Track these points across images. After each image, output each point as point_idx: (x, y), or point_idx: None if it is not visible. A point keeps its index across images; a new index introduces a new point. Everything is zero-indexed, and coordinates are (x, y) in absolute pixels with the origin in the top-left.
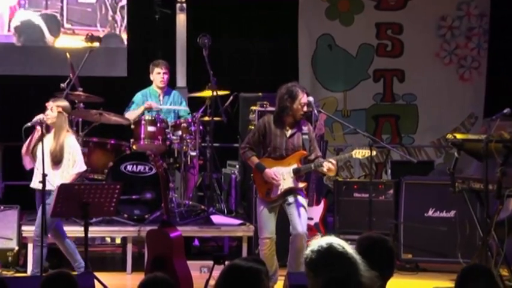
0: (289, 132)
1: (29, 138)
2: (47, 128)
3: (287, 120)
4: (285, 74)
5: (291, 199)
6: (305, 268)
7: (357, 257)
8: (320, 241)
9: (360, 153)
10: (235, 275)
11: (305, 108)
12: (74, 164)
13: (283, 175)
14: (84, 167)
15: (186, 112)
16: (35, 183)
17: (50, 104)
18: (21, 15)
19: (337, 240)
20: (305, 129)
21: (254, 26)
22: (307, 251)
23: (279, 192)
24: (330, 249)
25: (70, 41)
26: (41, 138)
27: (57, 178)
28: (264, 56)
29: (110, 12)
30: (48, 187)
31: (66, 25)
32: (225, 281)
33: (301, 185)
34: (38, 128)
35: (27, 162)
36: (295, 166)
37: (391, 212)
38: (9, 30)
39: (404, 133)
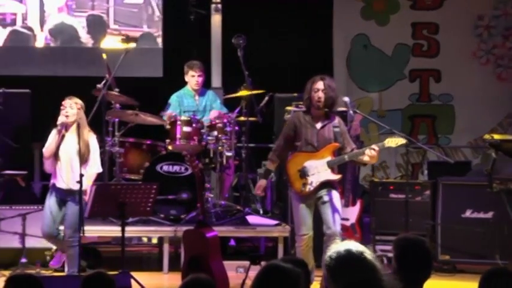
0: (319, 125)
1: (50, 141)
2: (66, 127)
3: (315, 112)
4: (320, 74)
5: (325, 197)
6: (326, 273)
7: (376, 262)
8: (338, 246)
9: (393, 142)
10: (273, 276)
11: (319, 94)
12: (94, 163)
13: (317, 168)
14: (101, 169)
15: (223, 109)
16: (66, 184)
17: (68, 102)
18: (55, 18)
19: (356, 245)
20: (335, 122)
21: (289, 25)
22: (326, 257)
23: (314, 185)
24: (348, 255)
25: (116, 42)
26: (61, 140)
27: (84, 177)
28: (299, 56)
29: (157, 13)
30: (73, 187)
31: (113, 26)
32: (262, 282)
33: (336, 176)
34: (59, 128)
35: (48, 165)
36: (329, 158)
37: (428, 213)
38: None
39: (440, 133)
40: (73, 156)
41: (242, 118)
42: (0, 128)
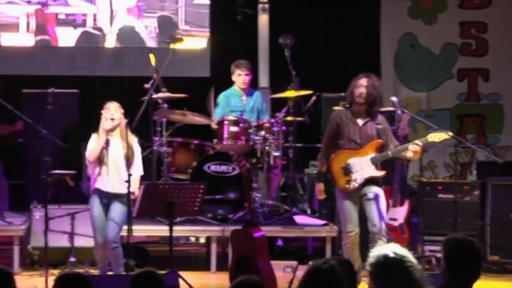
0: (360, 122)
1: (94, 146)
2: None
3: (356, 109)
4: (368, 73)
5: (370, 195)
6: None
7: (417, 266)
8: (378, 252)
9: (435, 136)
10: (319, 277)
11: (361, 90)
12: (137, 166)
13: (361, 165)
14: (142, 172)
15: (265, 116)
16: (113, 187)
17: (113, 106)
18: (123, 20)
19: (394, 249)
20: (378, 119)
21: (336, 25)
22: (368, 262)
23: (358, 182)
24: (385, 260)
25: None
26: (107, 145)
27: (132, 180)
28: (346, 56)
29: None
30: (120, 190)
31: (183, 27)
32: (309, 282)
33: (380, 173)
34: (108, 132)
35: (92, 169)
36: (372, 155)
37: (477, 213)
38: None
39: (489, 133)
40: (119, 160)
41: (289, 118)
42: (49, 128)
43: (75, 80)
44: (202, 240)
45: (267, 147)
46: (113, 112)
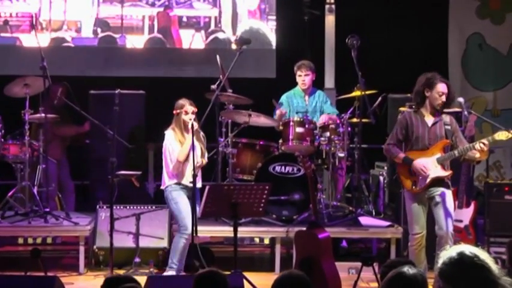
0: (430, 122)
1: (189, 146)
2: (187, 130)
3: (427, 110)
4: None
5: (438, 198)
6: (439, 280)
7: (492, 265)
8: (451, 251)
9: (503, 135)
10: (400, 283)
11: (443, 98)
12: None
13: (427, 165)
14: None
15: (331, 110)
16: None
17: (190, 108)
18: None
19: (468, 248)
20: (447, 120)
21: (403, 25)
22: (439, 264)
23: (425, 182)
24: (461, 259)
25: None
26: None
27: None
28: (413, 56)
29: None
30: (198, 185)
31: None
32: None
33: (447, 173)
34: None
35: (178, 167)
36: (438, 155)
37: None
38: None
39: None
40: (197, 156)
41: (355, 119)
42: (115, 129)
43: (139, 80)
44: (266, 241)
45: (332, 148)
46: (192, 115)
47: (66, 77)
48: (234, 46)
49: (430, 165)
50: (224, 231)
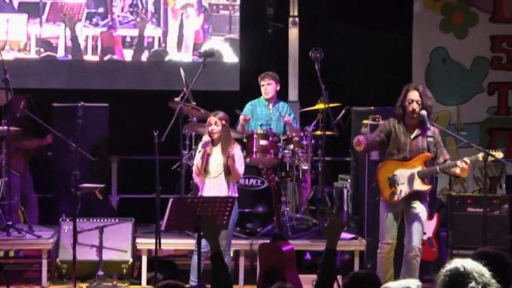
0: (413, 134)
1: (200, 161)
2: (213, 142)
3: (409, 121)
4: (398, 87)
5: (413, 211)
6: None
7: (488, 278)
8: (450, 264)
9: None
10: None
11: (414, 105)
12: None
13: (407, 178)
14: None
15: (294, 123)
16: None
17: (213, 119)
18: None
19: (466, 262)
20: (430, 131)
21: (367, 38)
22: (440, 276)
23: (403, 195)
24: (457, 273)
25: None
26: (208, 156)
27: (231, 189)
28: (377, 69)
29: None
30: None
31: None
32: None
33: (426, 187)
34: (207, 148)
35: (198, 181)
36: (419, 168)
37: (507, 227)
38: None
39: None
40: (220, 170)
41: (319, 132)
42: (78, 142)
43: (102, 93)
44: (230, 254)
45: (296, 161)
46: (213, 126)
47: (29, 89)
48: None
49: (411, 178)
50: (188, 244)
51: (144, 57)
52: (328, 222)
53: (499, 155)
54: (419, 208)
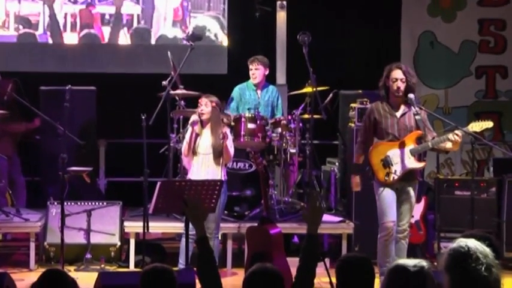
0: (399, 113)
1: (188, 140)
2: (202, 124)
3: (394, 100)
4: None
5: (406, 193)
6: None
7: (492, 259)
8: (454, 243)
9: (477, 126)
10: (402, 277)
11: (398, 84)
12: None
13: (400, 157)
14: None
15: (280, 112)
16: (201, 178)
17: (204, 100)
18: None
19: (470, 242)
20: (416, 109)
21: (355, 22)
22: (443, 255)
23: (398, 174)
24: (460, 253)
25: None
26: (196, 137)
27: (220, 171)
28: (364, 53)
29: None
30: None
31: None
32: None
33: (420, 164)
34: (195, 127)
35: (186, 162)
36: (412, 147)
37: (494, 210)
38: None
39: (507, 130)
40: (209, 152)
41: (306, 115)
42: (66, 125)
43: (90, 77)
44: (219, 237)
45: (283, 144)
46: (203, 107)
47: (16, 72)
48: (186, 42)
49: (404, 157)
50: (176, 227)
51: (123, 34)
52: (308, 207)
53: (489, 124)
54: (411, 192)
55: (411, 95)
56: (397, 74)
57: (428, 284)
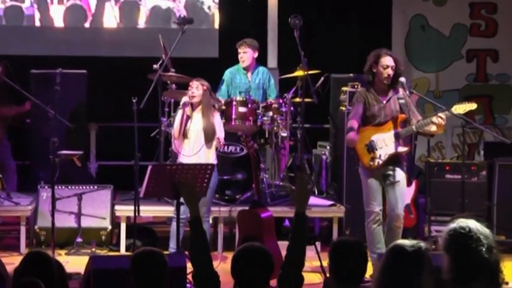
0: (384, 98)
1: (179, 121)
2: (193, 107)
3: (380, 87)
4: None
5: (393, 177)
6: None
7: (492, 240)
8: (454, 223)
9: (461, 108)
10: (400, 257)
11: (389, 71)
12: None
13: (385, 141)
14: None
15: (273, 93)
16: (193, 161)
17: (195, 83)
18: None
19: (470, 222)
20: (400, 94)
21: (346, 6)
22: (443, 235)
23: (383, 159)
24: (460, 234)
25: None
26: (187, 119)
27: (211, 155)
28: (356, 37)
29: None
30: None
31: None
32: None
33: (405, 148)
34: (186, 109)
35: (177, 145)
36: (396, 131)
37: (484, 194)
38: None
39: (497, 113)
40: (200, 135)
41: (297, 99)
42: (57, 109)
43: (81, 60)
44: (209, 221)
45: (275, 128)
46: (194, 89)
47: (6, 55)
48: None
49: (388, 141)
50: (167, 211)
51: (110, 6)
52: (296, 187)
53: (472, 106)
54: (400, 175)
55: (403, 79)
56: (388, 61)
57: (426, 264)
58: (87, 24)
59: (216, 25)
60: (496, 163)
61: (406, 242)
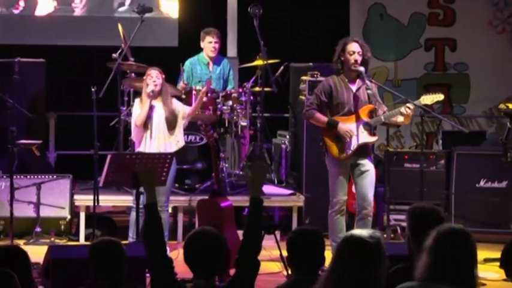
0: (354, 87)
1: (147, 109)
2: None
3: (349, 75)
4: (336, 43)
5: (362, 167)
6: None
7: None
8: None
9: (429, 99)
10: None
11: (355, 57)
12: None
13: (353, 131)
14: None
15: (231, 84)
16: (157, 150)
17: (155, 72)
18: None
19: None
20: (367, 84)
21: None
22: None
23: (352, 148)
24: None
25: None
26: (151, 109)
27: (173, 143)
28: (315, 26)
29: None
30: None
31: None
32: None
33: (374, 138)
34: (151, 96)
35: (137, 133)
36: (364, 120)
37: (442, 183)
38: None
39: (455, 103)
40: (162, 124)
41: (257, 88)
42: (15, 98)
43: (38, 49)
44: (169, 210)
45: (234, 117)
46: (155, 78)
47: None
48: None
49: (357, 131)
50: (126, 200)
51: None
52: (251, 172)
53: (440, 96)
54: (369, 165)
55: (361, 68)
56: (354, 47)
57: (383, 254)
58: (43, 12)
59: (176, 13)
60: (454, 152)
61: (363, 233)
